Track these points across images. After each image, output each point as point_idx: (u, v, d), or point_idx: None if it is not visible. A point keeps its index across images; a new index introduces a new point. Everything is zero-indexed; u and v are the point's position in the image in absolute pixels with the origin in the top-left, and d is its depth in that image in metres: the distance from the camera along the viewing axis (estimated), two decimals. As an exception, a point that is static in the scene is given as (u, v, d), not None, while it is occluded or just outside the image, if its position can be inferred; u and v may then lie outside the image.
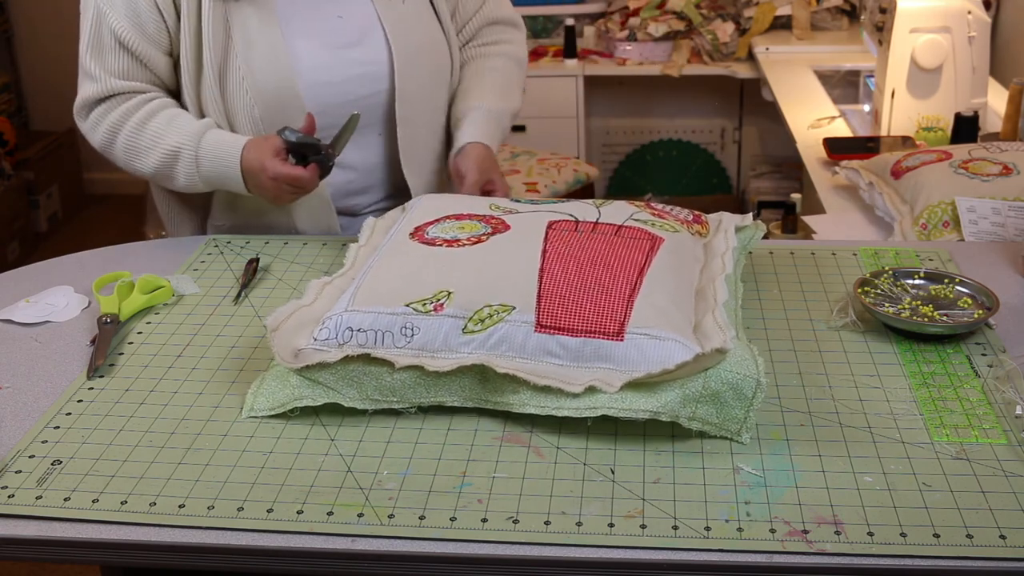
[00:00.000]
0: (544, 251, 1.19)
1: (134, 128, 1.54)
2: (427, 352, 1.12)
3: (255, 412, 1.13)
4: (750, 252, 1.42)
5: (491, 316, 1.12)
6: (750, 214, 1.41)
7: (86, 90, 1.56)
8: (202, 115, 1.56)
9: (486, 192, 1.58)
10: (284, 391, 1.13)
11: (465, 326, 1.12)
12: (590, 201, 1.35)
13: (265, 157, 1.46)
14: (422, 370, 1.10)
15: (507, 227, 1.27)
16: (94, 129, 1.58)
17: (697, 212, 1.40)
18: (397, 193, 1.70)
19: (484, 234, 1.25)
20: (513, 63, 1.78)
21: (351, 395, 1.12)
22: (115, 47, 1.53)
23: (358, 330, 1.13)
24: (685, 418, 1.05)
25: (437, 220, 1.31)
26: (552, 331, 1.10)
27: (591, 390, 1.06)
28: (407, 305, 1.14)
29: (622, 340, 1.08)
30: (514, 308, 1.12)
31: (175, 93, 1.60)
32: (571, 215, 1.29)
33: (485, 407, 1.11)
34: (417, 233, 1.28)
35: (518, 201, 1.39)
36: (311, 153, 1.47)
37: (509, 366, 1.09)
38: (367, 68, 1.60)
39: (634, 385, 1.05)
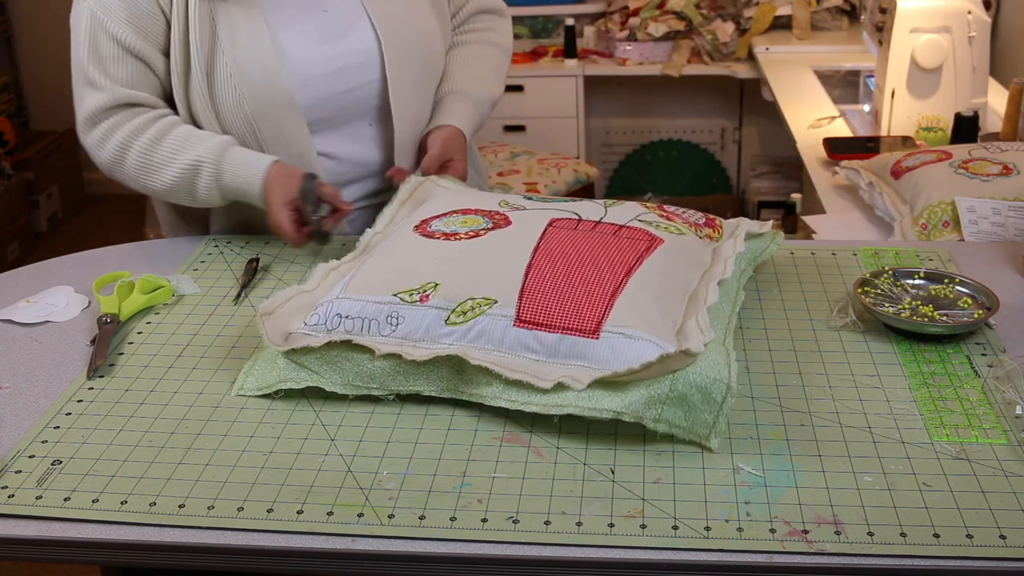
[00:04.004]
0: (536, 248, 1.20)
1: (148, 144, 1.50)
2: (409, 341, 1.13)
3: (244, 391, 1.17)
4: (760, 262, 1.39)
5: (473, 309, 1.13)
6: (770, 221, 1.40)
7: (92, 100, 1.51)
8: (191, 116, 1.54)
9: (443, 170, 1.59)
10: (272, 373, 1.16)
11: (448, 318, 1.13)
12: (601, 201, 1.35)
13: (276, 201, 1.47)
14: (401, 358, 1.11)
15: (508, 223, 1.27)
16: (101, 145, 1.53)
17: (711, 216, 1.39)
18: (391, 186, 1.68)
19: (483, 229, 1.26)
20: (497, 50, 1.79)
21: (334, 380, 1.14)
22: (117, 53, 1.49)
23: (346, 317, 1.15)
24: (650, 419, 1.04)
25: (444, 214, 1.32)
26: (531, 326, 1.11)
27: (560, 387, 1.06)
28: (395, 295, 1.16)
29: (597, 338, 1.09)
30: (496, 302, 1.13)
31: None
32: (576, 214, 1.29)
33: (460, 398, 1.12)
34: (421, 226, 1.30)
35: (530, 199, 1.38)
36: (314, 214, 1.48)
37: (484, 359, 1.09)
38: (355, 59, 1.58)
39: (602, 384, 1.05)
